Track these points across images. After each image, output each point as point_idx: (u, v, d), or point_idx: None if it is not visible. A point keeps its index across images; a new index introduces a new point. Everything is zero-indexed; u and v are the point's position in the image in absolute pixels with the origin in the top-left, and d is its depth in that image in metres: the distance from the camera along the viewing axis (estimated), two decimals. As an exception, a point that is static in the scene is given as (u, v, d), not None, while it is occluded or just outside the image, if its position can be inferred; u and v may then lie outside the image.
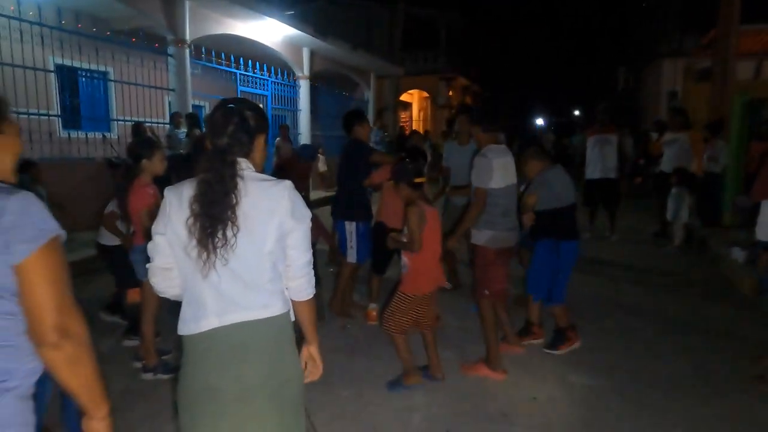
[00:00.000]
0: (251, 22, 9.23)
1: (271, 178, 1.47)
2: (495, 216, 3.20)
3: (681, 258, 6.24)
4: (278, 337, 1.46)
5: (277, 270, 1.45)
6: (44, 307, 1.08)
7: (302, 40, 10.84)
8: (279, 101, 11.06)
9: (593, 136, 6.87)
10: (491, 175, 3.13)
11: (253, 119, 1.46)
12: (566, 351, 3.54)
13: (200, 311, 1.41)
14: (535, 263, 3.54)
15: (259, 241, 1.39)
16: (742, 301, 4.66)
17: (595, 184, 6.90)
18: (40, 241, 1.08)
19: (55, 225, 1.13)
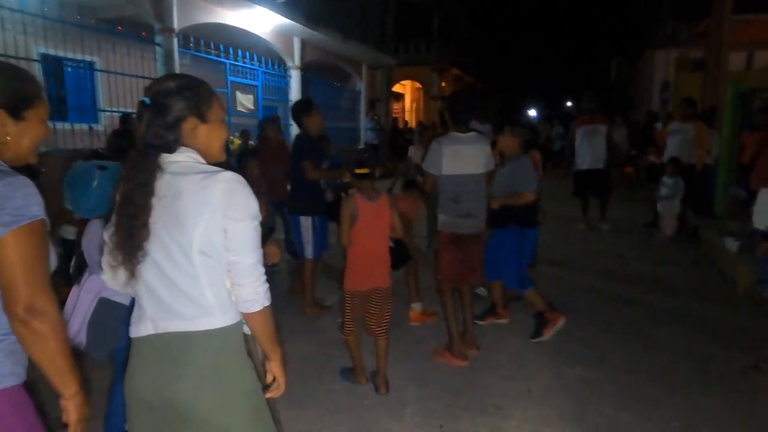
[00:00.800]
0: (241, 11, 9.06)
1: (212, 169, 1.31)
2: (446, 201, 3.22)
3: (673, 248, 6.24)
4: (219, 354, 1.31)
5: (217, 276, 1.30)
6: (14, 285, 1.14)
7: (293, 30, 10.68)
8: (270, 92, 10.91)
9: (582, 127, 6.81)
10: (439, 162, 3.15)
11: (177, 101, 1.30)
12: (552, 332, 3.54)
13: (139, 313, 1.34)
14: (503, 251, 3.56)
15: (189, 240, 1.25)
16: (735, 291, 4.66)
17: (584, 174, 6.86)
18: (16, 224, 1.13)
19: (38, 210, 1.17)
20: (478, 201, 3.23)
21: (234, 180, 1.29)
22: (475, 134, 3.30)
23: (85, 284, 2.38)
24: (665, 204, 6.60)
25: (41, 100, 1.32)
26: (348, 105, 14.57)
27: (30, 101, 1.28)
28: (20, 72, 1.32)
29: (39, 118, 1.31)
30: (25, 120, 1.28)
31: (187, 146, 1.33)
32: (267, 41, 10.28)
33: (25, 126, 1.28)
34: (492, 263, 3.63)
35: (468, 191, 3.18)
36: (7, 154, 1.26)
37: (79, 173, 2.35)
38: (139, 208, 1.27)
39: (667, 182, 6.55)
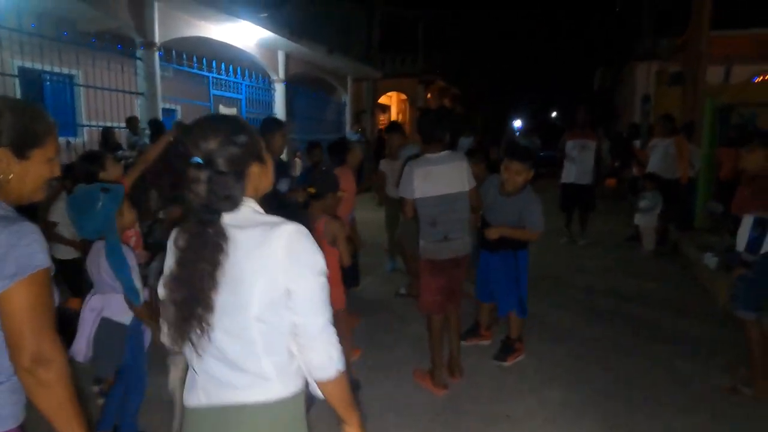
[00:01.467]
0: (224, 25, 9.03)
1: (271, 220, 1.17)
2: (424, 225, 3.12)
3: (655, 263, 6.28)
4: (277, 427, 1.19)
5: (275, 342, 1.16)
6: (20, 336, 1.14)
7: (277, 43, 10.67)
8: (254, 105, 10.86)
9: (572, 140, 6.88)
10: (411, 185, 3.04)
11: (234, 150, 1.15)
12: (513, 362, 3.51)
13: (191, 381, 1.24)
14: (495, 274, 3.51)
15: (244, 305, 1.12)
16: (714, 308, 4.69)
17: (570, 188, 6.92)
18: (21, 275, 1.13)
19: (42, 258, 1.17)
20: (456, 222, 3.09)
21: (296, 233, 1.15)
22: (449, 152, 3.14)
23: (89, 303, 2.51)
24: (644, 218, 6.66)
25: (51, 138, 1.30)
26: (333, 117, 14.58)
27: (37, 140, 1.26)
28: (31, 110, 1.29)
29: (45, 157, 1.28)
30: (30, 159, 1.25)
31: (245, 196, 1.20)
32: (251, 54, 10.25)
33: (30, 165, 1.25)
34: (484, 285, 3.60)
35: (444, 213, 3.06)
36: (10, 194, 1.25)
37: (82, 196, 2.36)
38: (207, 289, 1.12)
39: (646, 197, 6.62)
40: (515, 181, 3.28)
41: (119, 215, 2.41)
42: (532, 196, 3.31)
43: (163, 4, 7.85)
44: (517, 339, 3.56)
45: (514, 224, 3.30)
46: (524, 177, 3.28)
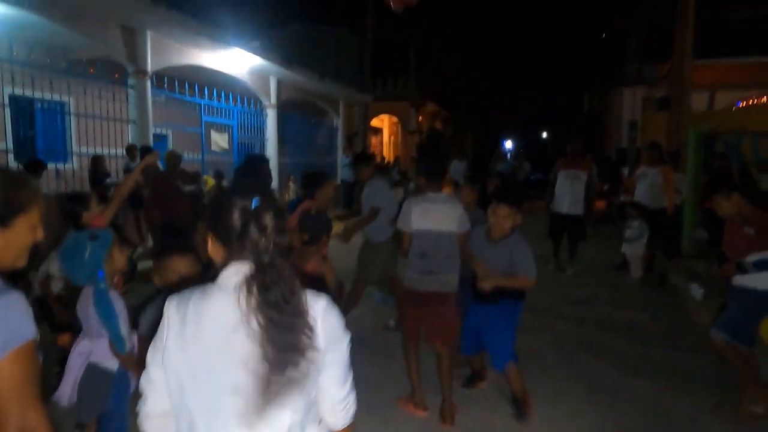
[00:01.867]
0: (216, 52, 9.12)
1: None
2: (413, 256, 3.28)
3: (643, 292, 6.31)
4: None
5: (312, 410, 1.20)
6: (6, 407, 1.13)
7: (269, 70, 10.78)
8: (246, 131, 10.91)
9: (564, 170, 6.94)
10: (409, 218, 3.26)
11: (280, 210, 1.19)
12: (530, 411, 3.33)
13: None
14: (490, 327, 3.24)
15: None
16: (702, 340, 4.70)
17: (560, 217, 6.98)
18: (8, 348, 1.12)
19: (29, 329, 1.16)
20: (445, 259, 3.20)
21: (325, 301, 1.20)
22: (447, 195, 3.41)
23: (77, 347, 2.51)
24: (631, 247, 6.72)
25: (34, 205, 1.29)
26: (325, 141, 14.68)
27: (21, 208, 1.25)
28: (14, 177, 1.29)
29: (29, 224, 1.28)
30: (13, 227, 1.25)
31: None
32: (243, 81, 10.34)
33: (13, 233, 1.25)
34: (474, 337, 3.33)
35: (435, 247, 3.20)
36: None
37: (71, 245, 2.39)
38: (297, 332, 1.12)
39: (632, 225, 6.70)
40: (502, 226, 3.11)
41: (109, 260, 2.44)
42: (522, 241, 3.15)
43: (156, 33, 7.93)
44: (524, 391, 3.31)
45: (505, 272, 3.09)
46: (512, 222, 3.11)
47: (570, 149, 7.07)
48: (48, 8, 6.54)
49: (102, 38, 7.40)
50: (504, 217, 3.10)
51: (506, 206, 3.10)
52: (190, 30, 7.96)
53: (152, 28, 7.77)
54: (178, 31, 7.97)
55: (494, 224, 3.15)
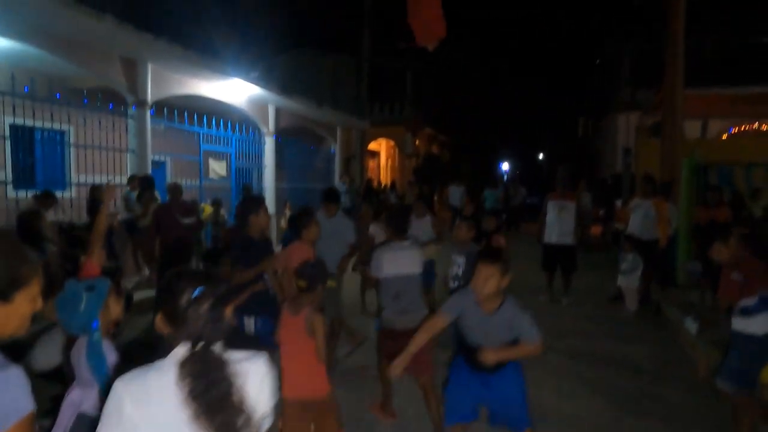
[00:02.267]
0: (215, 83, 9.26)
1: (245, 354, 1.37)
2: (386, 298, 3.65)
3: (637, 325, 6.33)
4: None
5: None
6: None
7: (267, 98, 10.93)
8: (243, 158, 11.00)
9: (553, 201, 7.04)
10: (381, 265, 3.66)
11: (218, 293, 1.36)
12: None
13: None
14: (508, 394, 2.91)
15: None
16: (696, 373, 4.72)
17: (552, 248, 7.04)
18: (4, 425, 1.14)
19: (27, 403, 1.18)
20: (415, 297, 3.70)
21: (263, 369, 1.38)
22: (410, 241, 3.84)
23: (69, 396, 2.47)
24: (626, 279, 6.77)
25: (35, 278, 1.32)
26: (322, 166, 14.79)
27: (22, 282, 1.28)
28: (14, 251, 1.30)
29: (29, 296, 1.30)
30: (14, 302, 1.27)
31: None
32: (241, 109, 10.47)
33: (14, 307, 1.28)
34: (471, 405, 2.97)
35: (406, 289, 3.64)
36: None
37: (68, 296, 2.40)
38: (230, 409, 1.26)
39: (626, 258, 6.75)
40: (484, 288, 2.65)
41: (105, 310, 2.44)
42: (517, 306, 2.76)
43: (156, 65, 8.06)
44: None
45: (506, 342, 2.77)
46: (496, 283, 2.64)
47: (558, 180, 7.18)
48: (50, 42, 6.66)
49: (103, 70, 7.52)
50: (487, 279, 2.64)
51: (487, 264, 2.66)
52: (190, 62, 8.10)
53: (153, 60, 7.91)
54: (179, 62, 8.10)
55: (477, 287, 2.67)
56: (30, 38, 6.41)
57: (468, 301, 2.76)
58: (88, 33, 6.71)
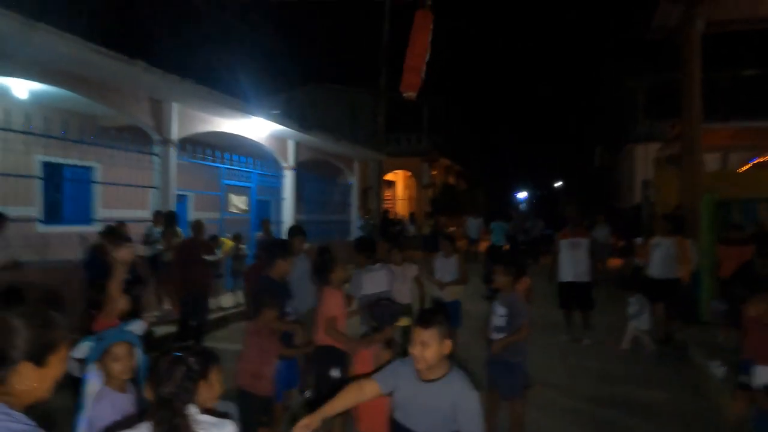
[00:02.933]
0: (238, 120, 9.53)
1: (215, 421, 1.51)
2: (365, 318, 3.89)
3: (660, 366, 6.18)
4: None
5: None
6: None
7: (287, 134, 11.19)
8: (263, 192, 11.21)
9: (565, 239, 7.02)
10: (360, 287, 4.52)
11: (197, 364, 1.53)
12: None
13: None
14: None
15: None
16: (721, 420, 4.59)
17: (568, 286, 6.99)
18: None
19: None
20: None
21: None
22: (380, 265, 4.77)
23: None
24: (636, 322, 6.67)
25: (64, 341, 1.39)
26: (339, 198, 14.95)
27: (54, 347, 1.34)
28: (45, 317, 1.37)
29: (61, 359, 1.37)
30: (48, 366, 1.33)
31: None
32: (262, 145, 10.73)
33: (47, 371, 1.34)
34: None
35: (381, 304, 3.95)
36: (23, 399, 1.31)
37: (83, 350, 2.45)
38: None
39: (631, 301, 6.67)
40: (421, 357, 2.19)
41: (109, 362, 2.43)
42: (466, 383, 2.24)
43: (182, 104, 8.35)
44: None
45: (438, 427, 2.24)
46: (435, 349, 2.18)
47: (568, 217, 7.19)
48: (83, 85, 6.97)
49: (131, 110, 7.81)
50: (424, 346, 2.18)
51: (424, 329, 2.19)
52: (214, 101, 8.38)
53: (179, 100, 8.20)
54: (203, 102, 8.38)
55: (416, 357, 2.21)
56: (65, 82, 6.72)
57: (406, 371, 2.29)
58: (119, 77, 7.01)
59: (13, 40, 5.40)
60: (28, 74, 6.34)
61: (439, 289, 5.83)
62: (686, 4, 8.67)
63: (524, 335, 3.76)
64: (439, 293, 5.83)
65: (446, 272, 5.88)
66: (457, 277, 5.86)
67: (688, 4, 8.63)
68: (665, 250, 6.75)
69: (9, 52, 5.73)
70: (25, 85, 7.08)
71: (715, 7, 8.72)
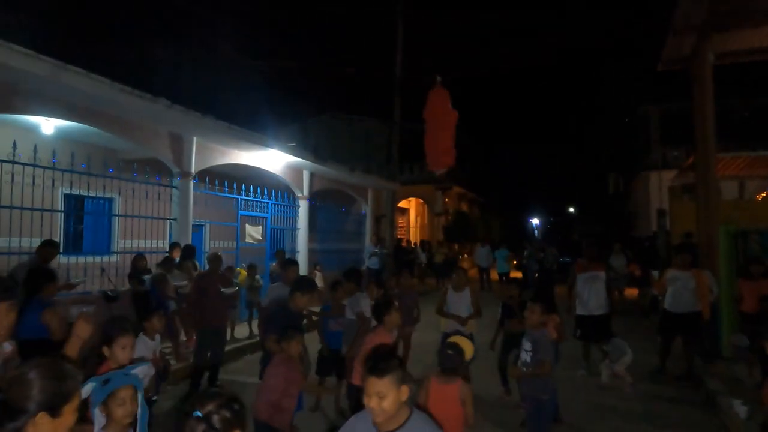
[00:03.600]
0: (255, 152, 9.74)
1: None
2: None
3: (681, 403, 6.04)
4: None
5: None
6: None
7: (303, 165, 11.39)
8: (278, 221, 11.35)
9: (581, 273, 6.97)
10: None
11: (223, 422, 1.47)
12: None
13: None
14: None
15: None
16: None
17: (586, 319, 6.91)
18: None
19: None
20: None
21: None
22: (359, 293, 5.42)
23: None
24: (614, 366, 6.55)
25: (77, 392, 1.49)
26: (353, 227, 15.05)
27: (68, 398, 1.44)
28: (60, 370, 1.47)
29: (73, 409, 1.47)
30: (63, 415, 1.42)
31: None
32: (278, 175, 10.91)
33: (61, 420, 1.43)
34: None
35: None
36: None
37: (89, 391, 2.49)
38: None
39: (610, 347, 6.55)
40: (378, 410, 2.00)
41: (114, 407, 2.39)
42: (429, 424, 2.11)
43: (201, 138, 8.58)
44: None
45: None
46: (393, 399, 2.01)
47: (586, 253, 7.14)
48: (108, 121, 7.23)
49: (152, 144, 8.05)
50: (380, 398, 2.00)
51: (377, 379, 2.01)
52: (232, 135, 8.60)
53: (198, 134, 8.43)
54: (222, 136, 8.60)
55: (372, 411, 2.03)
56: (90, 119, 6.98)
57: (363, 427, 2.12)
58: (142, 113, 7.26)
59: (44, 82, 5.65)
60: (57, 112, 6.59)
61: (460, 324, 5.81)
62: (696, 38, 8.75)
63: (546, 371, 3.77)
64: (458, 326, 5.80)
65: (461, 306, 5.89)
66: (473, 311, 5.89)
67: (698, 38, 8.70)
68: (683, 284, 6.67)
69: (40, 92, 5.99)
70: (53, 122, 7.34)
71: (725, 39, 8.79)
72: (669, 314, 6.80)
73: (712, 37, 8.41)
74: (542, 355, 3.96)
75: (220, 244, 10.94)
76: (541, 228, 37.06)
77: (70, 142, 7.98)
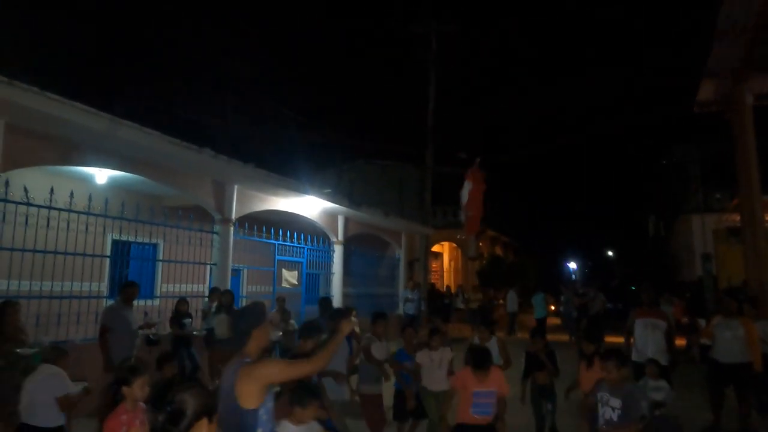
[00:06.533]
0: (292, 198, 10.03)
1: None
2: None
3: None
4: None
5: None
6: None
7: (338, 210, 11.61)
8: (313, 266, 11.50)
9: (640, 319, 6.69)
10: None
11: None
12: None
13: None
14: None
15: None
16: None
17: (640, 367, 6.59)
18: None
19: None
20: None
21: None
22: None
23: None
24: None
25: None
26: (386, 272, 15.06)
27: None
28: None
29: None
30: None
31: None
32: (313, 221, 11.15)
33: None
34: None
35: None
36: None
37: None
38: None
39: (652, 386, 6.05)
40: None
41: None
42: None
43: (242, 185, 8.92)
44: None
45: None
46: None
47: (644, 296, 6.88)
48: (154, 171, 7.62)
49: (195, 192, 8.41)
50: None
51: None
52: (271, 183, 8.92)
53: (239, 182, 8.77)
54: (262, 184, 8.93)
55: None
56: (140, 169, 7.38)
57: None
58: (187, 163, 7.64)
59: (101, 136, 6.06)
60: (111, 163, 7.01)
61: None
62: (732, 80, 8.68)
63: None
64: None
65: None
66: (501, 362, 5.62)
67: (735, 80, 8.64)
68: (731, 333, 6.35)
69: (96, 145, 6.42)
70: (105, 172, 7.80)
71: (762, 81, 8.69)
72: (717, 364, 6.44)
73: (750, 79, 8.33)
74: (635, 414, 3.68)
75: (256, 288, 11.13)
76: (578, 272, 36.07)
77: (120, 190, 8.42)
